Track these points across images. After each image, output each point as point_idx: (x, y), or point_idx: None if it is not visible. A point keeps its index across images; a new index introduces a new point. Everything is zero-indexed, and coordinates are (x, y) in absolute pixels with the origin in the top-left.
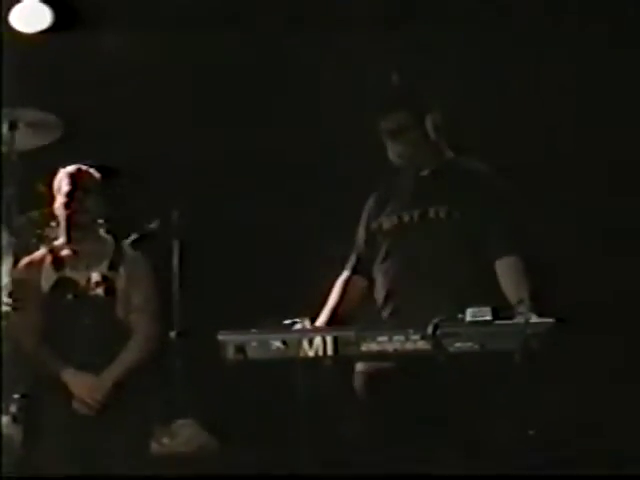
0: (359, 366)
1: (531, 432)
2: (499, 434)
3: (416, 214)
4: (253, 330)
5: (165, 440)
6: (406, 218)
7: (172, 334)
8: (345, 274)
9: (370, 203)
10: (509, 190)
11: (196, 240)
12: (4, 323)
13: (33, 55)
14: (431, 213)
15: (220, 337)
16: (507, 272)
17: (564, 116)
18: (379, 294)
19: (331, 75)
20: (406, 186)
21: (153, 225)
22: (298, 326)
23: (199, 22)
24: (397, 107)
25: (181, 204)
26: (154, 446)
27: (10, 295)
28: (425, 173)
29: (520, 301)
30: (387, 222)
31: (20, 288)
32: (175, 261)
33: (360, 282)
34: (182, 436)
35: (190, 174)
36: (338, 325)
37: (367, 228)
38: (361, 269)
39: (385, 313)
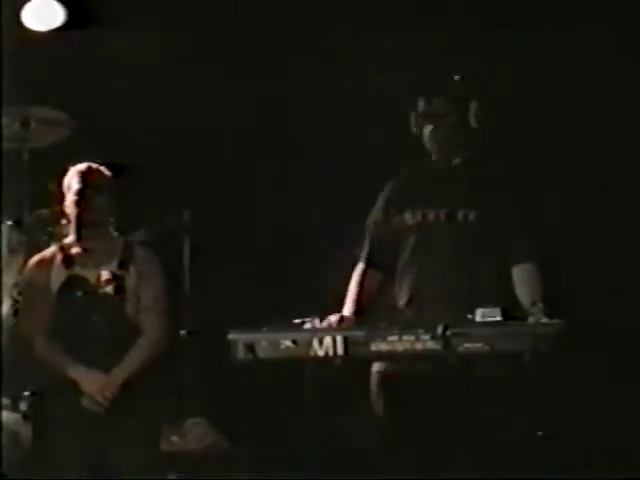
0: (376, 366)
1: (540, 433)
2: (508, 434)
3: (443, 214)
4: (263, 329)
5: (175, 438)
6: (431, 216)
7: (182, 333)
8: (360, 266)
9: (390, 190)
10: (534, 195)
11: (207, 239)
12: (14, 321)
13: (45, 53)
14: (459, 215)
15: (230, 336)
16: (523, 278)
17: (605, 118)
18: (403, 292)
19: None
20: (435, 177)
21: (161, 222)
22: (308, 325)
23: (211, 21)
24: (440, 91)
25: (192, 203)
26: (164, 444)
27: (20, 293)
28: (457, 162)
29: (533, 303)
30: (410, 217)
31: (30, 286)
32: (186, 260)
33: (376, 275)
34: (192, 435)
35: (202, 173)
36: (363, 316)
37: (386, 215)
38: (375, 261)
39: (408, 313)
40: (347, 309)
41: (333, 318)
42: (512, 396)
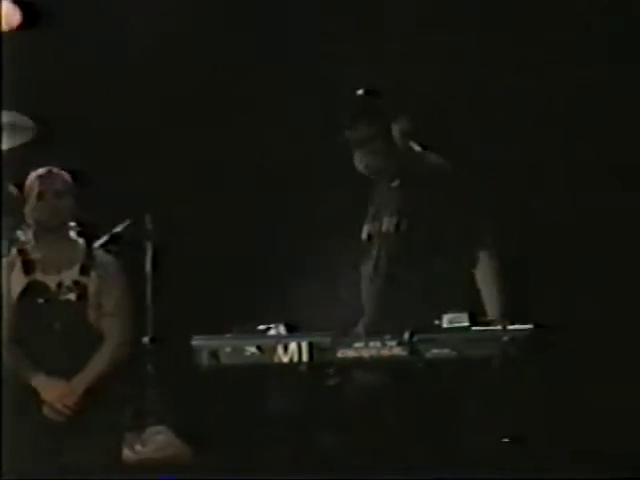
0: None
1: (506, 439)
2: (476, 441)
3: (392, 225)
4: (227, 335)
5: (137, 447)
6: (384, 226)
7: (145, 339)
8: None
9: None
10: (480, 189)
11: (170, 243)
12: None
13: (2, 54)
14: (403, 225)
15: (194, 342)
16: (485, 282)
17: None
18: (369, 304)
19: (300, 87)
20: (380, 195)
21: (122, 227)
22: (273, 332)
23: (175, 19)
24: (358, 119)
25: (154, 207)
26: (126, 453)
27: None
28: (395, 184)
29: (496, 318)
30: (365, 233)
31: None
32: (148, 265)
33: None
34: (155, 443)
35: (165, 176)
36: None
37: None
38: None
39: (363, 323)
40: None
41: (281, 329)
42: (481, 403)
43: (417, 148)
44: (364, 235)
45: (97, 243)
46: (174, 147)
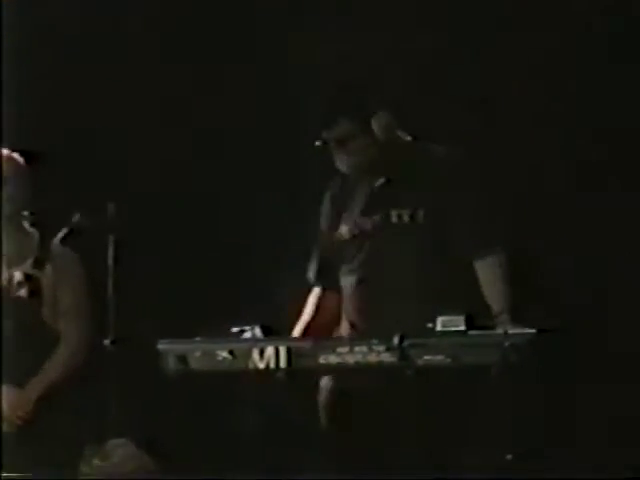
0: (324, 382)
1: (509, 457)
2: (474, 457)
3: (377, 219)
4: (197, 339)
5: (96, 461)
6: (367, 225)
7: (106, 342)
8: (316, 290)
9: (325, 207)
10: (482, 179)
11: (134, 237)
12: None
13: None
14: (393, 217)
15: (160, 346)
16: (487, 275)
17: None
18: (352, 309)
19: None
20: (362, 191)
21: (77, 219)
22: (247, 334)
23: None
24: (335, 117)
25: (118, 196)
26: (84, 468)
27: None
28: (379, 183)
29: (501, 312)
30: (346, 231)
31: None
32: (110, 260)
33: (332, 298)
34: (115, 457)
35: (130, 161)
36: None
37: (328, 235)
38: (329, 283)
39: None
40: (297, 330)
41: (257, 331)
42: (478, 415)
43: (407, 137)
44: (346, 234)
45: (56, 237)
46: (141, 129)
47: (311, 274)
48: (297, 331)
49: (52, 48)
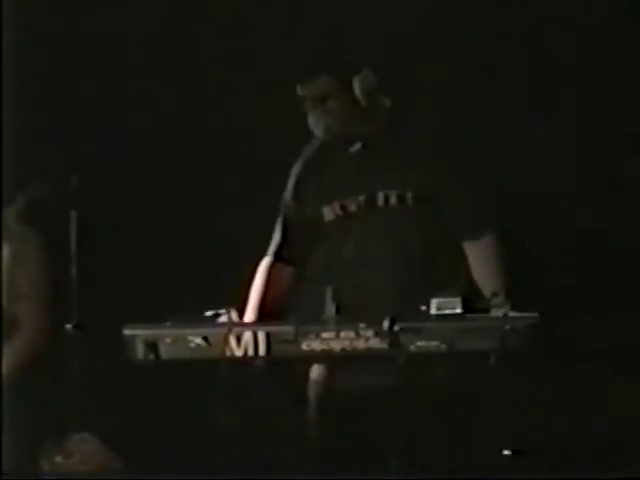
0: (314, 374)
1: (507, 452)
2: (471, 452)
3: (362, 201)
4: (167, 323)
5: (58, 459)
6: (352, 207)
7: (68, 327)
8: (267, 260)
9: (298, 172)
10: (472, 154)
11: (99, 212)
12: None
13: None
14: (380, 199)
15: (127, 332)
16: (479, 257)
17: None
18: (328, 296)
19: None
20: (341, 163)
21: (39, 191)
22: (223, 319)
23: None
24: (315, 71)
25: (81, 167)
26: (44, 466)
27: None
28: (355, 148)
29: (494, 294)
30: (329, 212)
31: None
32: (72, 238)
33: (286, 270)
34: (79, 454)
35: (94, 130)
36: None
37: (298, 205)
38: (287, 254)
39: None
40: (250, 313)
41: (233, 315)
42: (475, 406)
43: (388, 103)
44: (329, 215)
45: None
46: (110, 89)
47: (272, 246)
48: (250, 313)
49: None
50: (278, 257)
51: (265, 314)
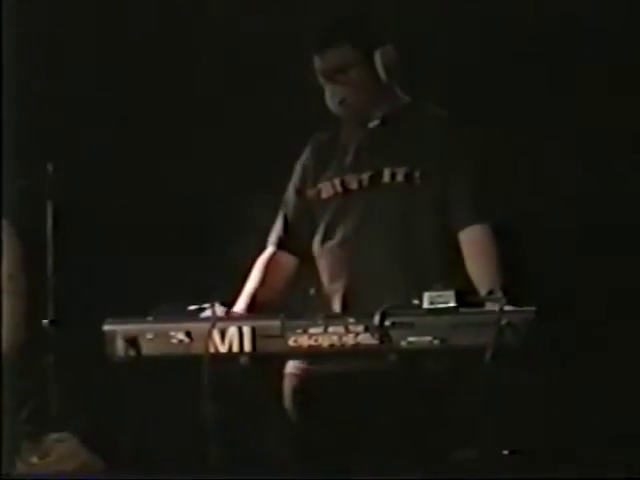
0: (289, 367)
1: (506, 452)
2: (466, 452)
3: (366, 177)
4: (148, 318)
5: (34, 459)
6: (353, 184)
7: (45, 322)
8: (269, 250)
9: (304, 159)
10: (479, 144)
11: (77, 202)
12: None
13: None
14: (386, 176)
15: (106, 327)
16: (473, 248)
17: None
18: (326, 278)
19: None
20: (351, 141)
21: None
22: (207, 313)
23: None
24: (338, 40)
25: (58, 154)
26: (20, 467)
27: None
28: (374, 124)
29: (490, 292)
30: (328, 188)
31: None
32: (49, 228)
33: (287, 260)
34: (56, 453)
35: (73, 114)
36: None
37: (300, 191)
38: (289, 244)
39: (334, 305)
40: (238, 305)
41: (218, 309)
42: (470, 404)
43: (405, 98)
44: (325, 192)
45: None
46: (86, 75)
47: (273, 236)
48: (240, 306)
49: None
50: (279, 245)
51: (257, 304)
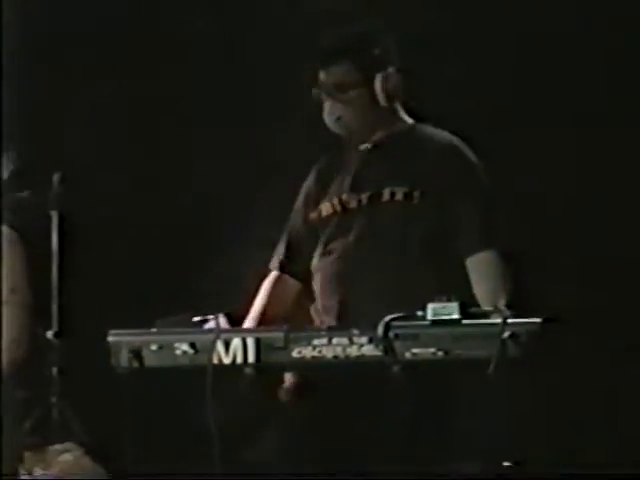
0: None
1: (507, 464)
2: (469, 464)
3: (365, 197)
4: (152, 330)
5: (38, 470)
6: (353, 203)
7: (49, 334)
8: (273, 274)
9: (308, 183)
10: (484, 167)
11: (82, 213)
12: None
13: None
14: (385, 195)
15: (110, 338)
16: (481, 274)
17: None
18: (318, 298)
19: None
20: (352, 163)
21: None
22: (211, 324)
23: None
24: (340, 58)
25: (64, 164)
26: (24, 477)
27: None
28: (364, 147)
29: (495, 308)
30: (328, 207)
31: None
32: (54, 239)
33: (292, 284)
34: (60, 465)
35: (78, 128)
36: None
37: (303, 215)
38: (292, 268)
39: (327, 320)
40: (249, 322)
41: (221, 321)
42: (473, 416)
43: (408, 120)
44: (326, 211)
45: None
46: (93, 86)
47: (275, 260)
48: (249, 322)
49: None
50: (282, 269)
51: (265, 322)
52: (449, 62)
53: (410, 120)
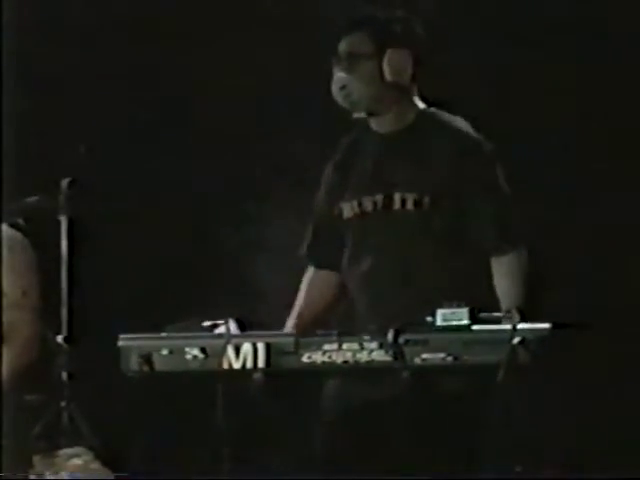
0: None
1: (519, 469)
2: (480, 470)
3: (379, 200)
4: (163, 334)
5: (48, 474)
6: (368, 206)
7: (59, 338)
8: (310, 270)
9: (328, 175)
10: (501, 164)
11: (92, 217)
12: None
13: None
14: (396, 201)
15: (120, 343)
16: (502, 273)
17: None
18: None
19: None
20: (367, 155)
21: (33, 200)
22: (221, 329)
23: None
24: (357, 27)
25: (73, 169)
26: None
27: None
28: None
29: (507, 311)
30: (348, 210)
31: None
32: (64, 244)
33: (333, 278)
34: (69, 468)
35: (87, 131)
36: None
37: (327, 208)
38: (326, 261)
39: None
40: (289, 323)
41: (232, 326)
42: (483, 421)
43: (420, 105)
44: (347, 212)
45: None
46: (104, 88)
47: (305, 251)
48: (290, 323)
49: None
50: (319, 265)
51: (305, 323)
52: (465, 51)
53: (422, 105)
